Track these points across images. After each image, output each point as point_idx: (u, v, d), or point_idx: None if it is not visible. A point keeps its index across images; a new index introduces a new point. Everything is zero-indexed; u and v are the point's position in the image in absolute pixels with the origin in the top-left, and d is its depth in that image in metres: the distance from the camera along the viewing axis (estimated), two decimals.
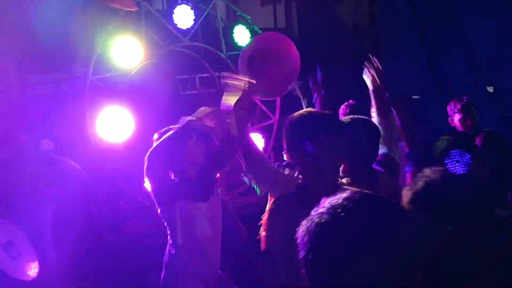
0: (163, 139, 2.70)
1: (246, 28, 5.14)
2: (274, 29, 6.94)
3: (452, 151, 2.26)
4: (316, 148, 2.02)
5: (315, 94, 3.59)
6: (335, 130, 2.09)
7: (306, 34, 7.74)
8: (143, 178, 2.76)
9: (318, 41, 7.17)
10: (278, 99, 5.20)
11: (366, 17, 7.38)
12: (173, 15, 4.56)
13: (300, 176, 2.16)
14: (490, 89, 6.05)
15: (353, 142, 2.25)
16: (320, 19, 7.62)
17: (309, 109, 2.44)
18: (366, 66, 2.85)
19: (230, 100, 2.22)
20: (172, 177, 2.72)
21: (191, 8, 4.74)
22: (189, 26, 4.75)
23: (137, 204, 3.90)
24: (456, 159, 2.39)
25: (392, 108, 2.82)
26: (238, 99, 2.20)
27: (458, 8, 6.38)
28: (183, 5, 4.60)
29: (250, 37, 5.06)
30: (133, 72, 4.01)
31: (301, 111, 2.21)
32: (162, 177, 2.71)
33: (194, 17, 4.76)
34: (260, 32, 5.21)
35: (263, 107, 5.17)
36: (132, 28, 4.37)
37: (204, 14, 4.95)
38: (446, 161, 2.24)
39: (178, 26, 4.60)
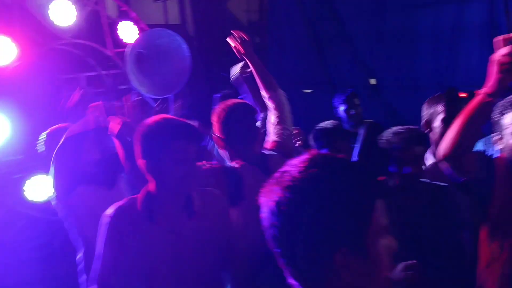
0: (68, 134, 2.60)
1: (134, 24, 4.97)
2: (165, 25, 6.83)
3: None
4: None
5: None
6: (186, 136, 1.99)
7: (201, 31, 7.72)
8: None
9: (212, 37, 7.18)
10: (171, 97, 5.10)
11: (257, 13, 7.55)
12: (49, 11, 4.26)
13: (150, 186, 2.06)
14: (373, 81, 6.47)
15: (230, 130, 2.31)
16: (214, 15, 7.64)
17: (165, 115, 2.30)
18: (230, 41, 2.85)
19: None
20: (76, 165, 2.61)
21: (73, 3, 4.48)
22: (71, 23, 4.48)
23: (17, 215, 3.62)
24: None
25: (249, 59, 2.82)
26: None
27: (341, 3, 6.73)
28: (62, 0, 4.31)
29: (138, 34, 4.91)
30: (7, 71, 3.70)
31: (155, 118, 2.07)
32: (66, 164, 2.58)
33: (76, 13, 4.50)
34: (148, 28, 5.07)
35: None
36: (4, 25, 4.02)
37: (89, 10, 4.71)
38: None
39: (56, 22, 4.31)
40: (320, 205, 0.93)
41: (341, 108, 4.22)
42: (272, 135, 2.71)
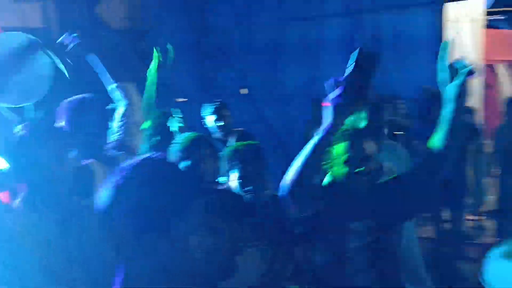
0: None
1: None
2: (25, 29, 6.31)
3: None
4: None
5: None
6: None
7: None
8: None
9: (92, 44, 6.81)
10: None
11: (130, 20, 7.32)
12: None
13: None
14: (244, 90, 6.66)
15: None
16: (82, 20, 7.26)
17: None
18: None
19: None
20: None
21: None
22: None
23: None
24: None
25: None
26: None
27: (213, 15, 6.84)
28: None
29: None
30: None
31: None
32: None
33: None
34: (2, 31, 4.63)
35: None
36: None
37: None
38: None
39: None
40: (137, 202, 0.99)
41: (210, 118, 4.25)
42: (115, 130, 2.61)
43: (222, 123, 4.15)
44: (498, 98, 7.76)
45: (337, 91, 1.60)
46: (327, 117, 1.67)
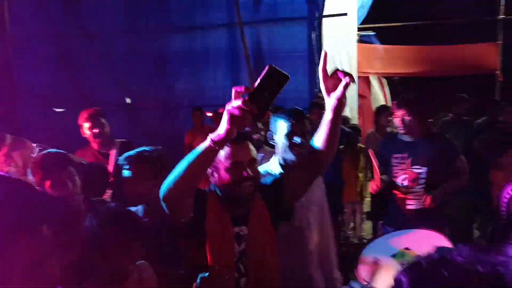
0: None
1: None
2: None
3: None
4: None
5: None
6: None
7: None
8: None
9: None
10: None
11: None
12: None
13: None
14: (128, 100, 6.48)
15: None
16: None
17: None
18: None
19: None
20: None
21: None
22: None
23: None
24: None
25: None
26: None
27: (92, 21, 6.58)
28: None
29: None
30: None
31: None
32: None
33: None
34: None
35: None
36: None
37: None
38: None
39: None
40: None
41: (86, 126, 4.02)
42: None
43: (97, 132, 3.94)
44: (371, 107, 8.44)
45: (237, 102, 1.50)
46: (222, 125, 1.55)
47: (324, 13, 7.06)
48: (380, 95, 8.97)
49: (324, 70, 1.72)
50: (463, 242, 0.91)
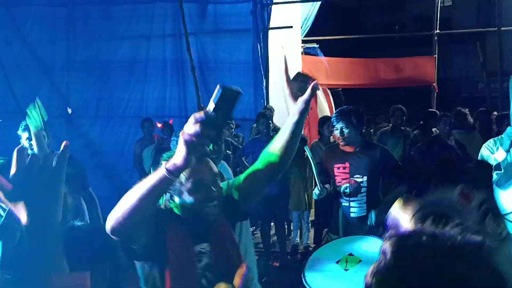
0: None
1: None
2: None
3: None
4: None
5: None
6: None
7: None
8: None
9: None
10: None
11: None
12: None
13: None
14: (69, 110, 6.28)
15: None
16: None
17: None
18: None
19: None
20: None
21: None
22: None
23: None
24: None
25: None
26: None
27: (31, 28, 6.36)
28: None
29: None
30: None
31: None
32: None
33: None
34: None
35: None
36: None
37: None
38: None
39: None
40: None
41: (24, 136, 3.87)
42: None
43: (29, 143, 3.80)
44: (317, 118, 8.62)
45: (193, 128, 1.31)
46: (179, 154, 1.41)
47: (270, 25, 7.17)
48: (325, 106, 9.19)
49: (288, 73, 1.79)
50: None
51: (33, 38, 6.51)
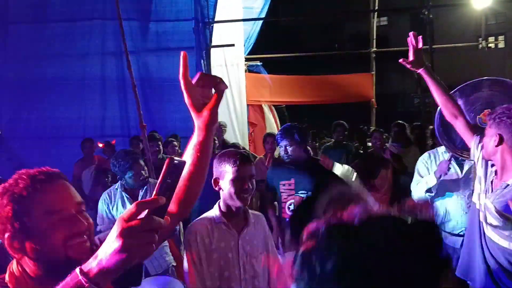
0: None
1: None
2: None
3: None
4: None
5: None
6: None
7: None
8: None
9: None
10: None
11: None
12: None
13: None
14: None
15: None
16: None
17: None
18: None
19: None
20: None
21: None
22: None
23: None
24: None
25: None
26: None
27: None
28: None
29: None
30: None
31: None
32: None
33: None
34: None
35: None
36: None
37: None
38: None
39: None
40: None
41: None
42: None
43: None
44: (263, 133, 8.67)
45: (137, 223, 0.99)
46: (112, 255, 0.95)
47: (212, 44, 7.19)
48: (272, 122, 9.29)
49: (186, 77, 1.26)
50: None
51: None
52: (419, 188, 3.58)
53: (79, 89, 6.43)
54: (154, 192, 0.95)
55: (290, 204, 3.47)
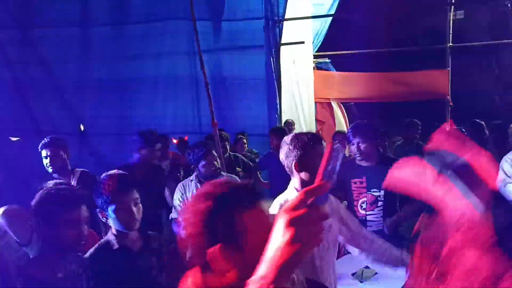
0: None
1: None
2: None
3: None
4: None
5: None
6: None
7: None
8: None
9: None
10: None
11: None
12: None
13: None
14: (82, 127, 6.37)
15: None
16: None
17: None
18: None
19: None
20: None
21: None
22: None
23: None
24: None
25: None
26: None
27: (47, 49, 6.48)
28: None
29: None
30: None
31: None
32: None
33: None
34: None
35: None
36: None
37: None
38: None
39: None
40: None
41: (44, 154, 3.90)
42: None
43: (51, 163, 3.82)
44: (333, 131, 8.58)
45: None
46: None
47: (282, 41, 7.21)
48: (342, 120, 9.17)
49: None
50: None
51: (47, 58, 6.63)
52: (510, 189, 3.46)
53: (153, 88, 6.69)
54: (318, 179, 0.90)
55: (363, 203, 3.42)
